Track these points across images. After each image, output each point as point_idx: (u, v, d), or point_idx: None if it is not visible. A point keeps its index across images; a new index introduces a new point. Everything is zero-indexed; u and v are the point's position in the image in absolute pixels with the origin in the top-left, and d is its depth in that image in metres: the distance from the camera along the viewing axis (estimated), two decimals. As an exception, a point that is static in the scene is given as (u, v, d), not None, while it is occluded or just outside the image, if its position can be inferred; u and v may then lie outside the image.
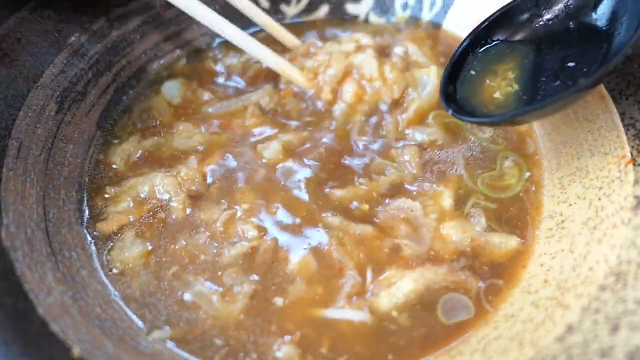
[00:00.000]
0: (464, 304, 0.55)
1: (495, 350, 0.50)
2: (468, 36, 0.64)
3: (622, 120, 0.57)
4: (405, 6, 0.85)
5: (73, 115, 0.66)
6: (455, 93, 0.62)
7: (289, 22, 0.86)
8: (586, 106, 0.61)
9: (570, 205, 0.59)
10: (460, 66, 0.64)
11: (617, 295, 0.46)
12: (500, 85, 0.61)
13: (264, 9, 0.85)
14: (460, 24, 0.80)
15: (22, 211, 0.54)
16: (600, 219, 0.54)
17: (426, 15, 0.83)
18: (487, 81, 0.62)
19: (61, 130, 0.64)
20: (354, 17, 0.87)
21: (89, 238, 0.60)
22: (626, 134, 0.56)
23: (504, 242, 0.59)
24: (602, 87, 0.59)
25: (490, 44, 0.64)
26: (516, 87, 0.59)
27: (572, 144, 0.63)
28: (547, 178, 0.65)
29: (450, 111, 0.59)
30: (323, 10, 0.87)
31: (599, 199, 0.56)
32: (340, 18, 0.87)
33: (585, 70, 0.53)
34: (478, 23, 0.64)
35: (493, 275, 0.57)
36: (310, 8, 0.87)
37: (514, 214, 0.62)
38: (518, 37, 0.63)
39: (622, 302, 0.45)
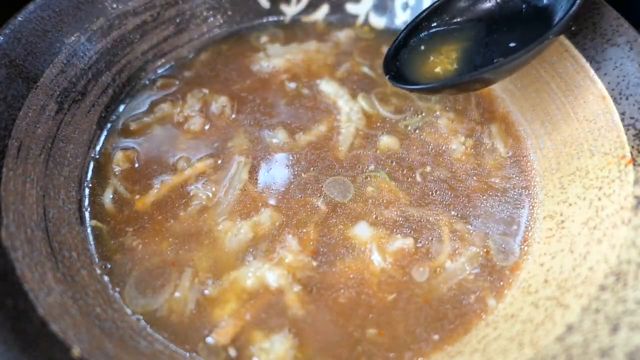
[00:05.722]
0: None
1: (495, 351, 0.50)
2: (419, 14, 0.68)
3: (622, 120, 0.57)
4: (405, 6, 0.85)
5: (73, 115, 0.66)
6: (400, 65, 0.67)
7: (288, 22, 0.87)
8: (586, 106, 0.61)
9: (570, 205, 0.59)
10: (407, 42, 0.68)
11: (617, 295, 0.46)
12: (443, 60, 0.64)
13: (264, 9, 0.86)
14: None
15: (22, 211, 0.54)
16: (600, 219, 0.54)
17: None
18: (431, 57, 0.65)
19: (61, 130, 0.64)
20: (354, 17, 0.87)
21: (90, 238, 0.60)
22: (626, 134, 0.56)
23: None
24: (602, 87, 0.59)
25: (440, 22, 0.67)
26: (457, 62, 0.64)
27: (572, 144, 0.62)
28: (547, 178, 0.65)
29: (387, 77, 0.65)
30: (323, 10, 0.87)
31: (599, 199, 0.56)
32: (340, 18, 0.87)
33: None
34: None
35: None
36: (310, 8, 0.87)
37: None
38: (470, 16, 0.66)
39: (622, 302, 0.45)
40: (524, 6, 0.62)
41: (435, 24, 0.68)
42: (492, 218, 0.62)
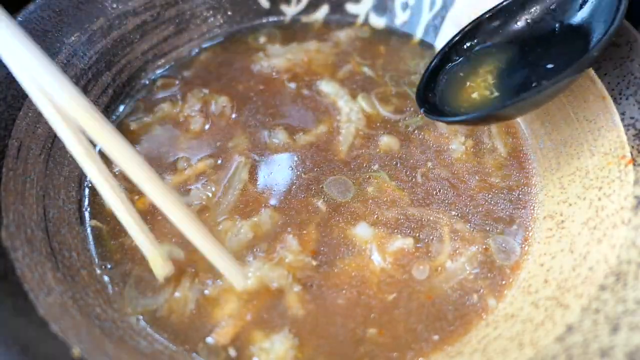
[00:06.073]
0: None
1: (495, 350, 0.50)
2: (452, 38, 0.66)
3: (622, 120, 0.57)
4: (405, 6, 0.85)
5: (73, 115, 0.66)
6: (432, 95, 0.64)
7: (288, 22, 0.87)
8: (586, 106, 0.61)
9: (570, 205, 0.59)
10: (441, 69, 0.65)
11: (617, 295, 0.46)
12: (479, 86, 0.61)
13: (264, 9, 0.86)
14: (461, 24, 0.80)
15: (22, 211, 0.54)
16: (600, 219, 0.54)
17: (426, 15, 0.83)
18: (467, 83, 0.63)
19: (61, 130, 0.64)
20: (354, 17, 0.87)
21: (89, 238, 0.60)
22: (626, 134, 0.56)
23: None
24: (602, 87, 0.59)
25: (474, 45, 0.65)
26: (493, 89, 0.60)
27: (572, 144, 0.63)
28: (547, 178, 0.65)
29: (422, 110, 0.62)
30: (323, 10, 0.87)
31: (599, 199, 0.56)
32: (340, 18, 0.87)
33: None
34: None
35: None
36: (310, 8, 0.87)
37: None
38: (501, 39, 0.64)
39: (622, 302, 0.45)
40: (556, 26, 0.60)
41: (465, 51, 0.66)
42: (492, 218, 0.62)
